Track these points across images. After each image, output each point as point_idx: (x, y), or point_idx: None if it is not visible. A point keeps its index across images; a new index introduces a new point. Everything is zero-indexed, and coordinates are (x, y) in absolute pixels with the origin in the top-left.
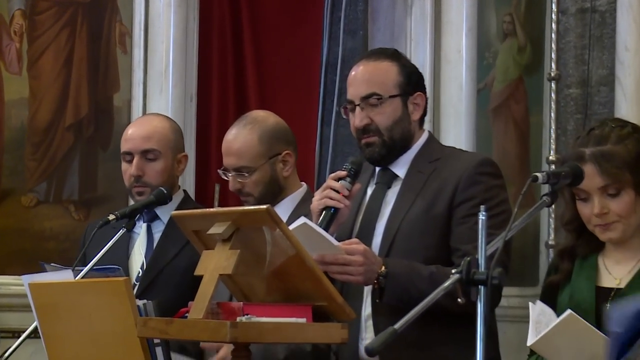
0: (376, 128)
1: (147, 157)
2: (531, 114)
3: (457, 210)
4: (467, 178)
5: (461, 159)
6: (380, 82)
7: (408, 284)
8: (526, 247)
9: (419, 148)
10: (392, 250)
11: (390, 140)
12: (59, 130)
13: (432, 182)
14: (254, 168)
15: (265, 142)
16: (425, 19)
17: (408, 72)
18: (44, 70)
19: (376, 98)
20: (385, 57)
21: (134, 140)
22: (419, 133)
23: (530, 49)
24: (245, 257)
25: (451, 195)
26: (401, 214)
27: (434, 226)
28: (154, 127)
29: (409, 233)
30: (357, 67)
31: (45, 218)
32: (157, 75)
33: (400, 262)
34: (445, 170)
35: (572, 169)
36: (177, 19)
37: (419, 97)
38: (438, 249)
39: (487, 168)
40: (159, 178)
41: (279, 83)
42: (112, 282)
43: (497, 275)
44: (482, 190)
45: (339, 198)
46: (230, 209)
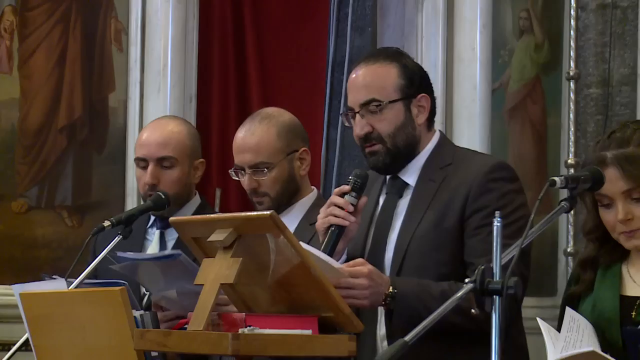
0: (378, 136)
1: (163, 164)
2: (549, 116)
3: (469, 221)
4: (478, 186)
5: (472, 165)
6: (379, 86)
7: (418, 304)
8: (544, 255)
9: (429, 153)
10: (403, 268)
11: (394, 148)
12: (51, 132)
13: (443, 191)
14: (272, 164)
15: (284, 137)
16: (438, 15)
17: (410, 73)
18: (35, 69)
19: (375, 104)
20: (385, 58)
21: (149, 146)
22: (428, 136)
23: (548, 46)
24: (248, 265)
25: (462, 206)
26: (411, 228)
27: (446, 241)
28: (170, 132)
29: (419, 249)
30: (357, 71)
31: (37, 225)
32: (154, 75)
33: (410, 282)
34: (456, 177)
35: (591, 172)
36: (175, 16)
37: (424, 98)
38: (451, 264)
39: (499, 173)
40: (175, 187)
41: (283, 83)
42: (107, 292)
43: (513, 284)
44: (495, 198)
45: (343, 215)
46: (232, 215)
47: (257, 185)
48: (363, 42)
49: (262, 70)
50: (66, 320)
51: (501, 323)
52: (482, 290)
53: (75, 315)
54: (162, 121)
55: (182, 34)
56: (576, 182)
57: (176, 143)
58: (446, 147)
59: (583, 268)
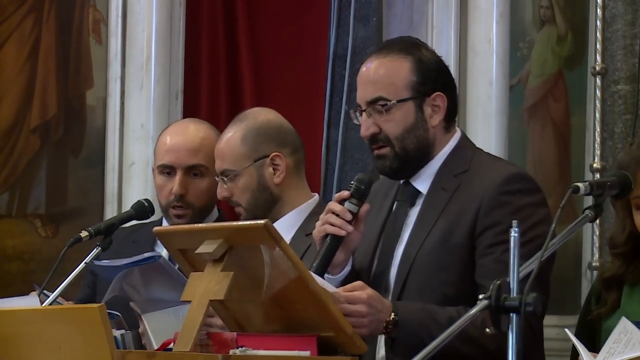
0: (386, 137)
1: (193, 173)
2: (572, 115)
3: (479, 239)
4: (490, 200)
5: (487, 175)
6: (388, 83)
7: (421, 331)
8: (566, 269)
9: (446, 157)
10: (405, 288)
11: (402, 152)
12: (22, 132)
13: (454, 202)
14: (236, 172)
15: (249, 142)
16: (450, 3)
17: (424, 68)
18: (5, 63)
19: (382, 104)
20: (398, 51)
21: (179, 152)
22: (445, 138)
23: (571, 38)
24: (240, 280)
25: (472, 222)
26: (417, 243)
27: (453, 259)
28: (201, 138)
29: (424, 268)
30: (367, 64)
31: (7, 235)
32: (136, 69)
33: (413, 307)
34: (470, 187)
35: (619, 177)
36: (160, 4)
37: (439, 97)
38: (458, 285)
39: (514, 185)
40: (203, 198)
41: (279, 78)
42: (84, 309)
43: (532, 301)
44: (509, 213)
45: (340, 224)
46: (222, 224)
47: (228, 194)
48: (367, 33)
49: (255, 64)
50: (40, 340)
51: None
52: (497, 308)
53: (49, 335)
54: (189, 124)
55: (167, 23)
56: (602, 189)
57: (207, 150)
58: (464, 151)
59: (607, 287)
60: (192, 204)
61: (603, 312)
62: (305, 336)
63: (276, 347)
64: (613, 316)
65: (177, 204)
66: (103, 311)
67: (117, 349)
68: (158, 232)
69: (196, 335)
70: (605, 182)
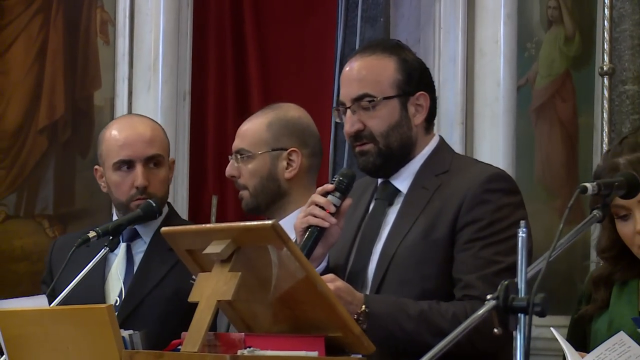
0: (370, 134)
1: (153, 163)
2: (580, 115)
3: (460, 234)
4: (473, 197)
5: (469, 174)
6: (374, 80)
7: (392, 325)
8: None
9: (426, 157)
10: (385, 282)
11: (386, 149)
12: (30, 133)
13: (435, 200)
14: (252, 154)
15: (274, 131)
16: (457, 3)
17: (409, 68)
18: (13, 64)
19: (368, 100)
20: (382, 50)
21: (135, 145)
22: (426, 139)
23: (579, 38)
24: (248, 280)
25: (453, 217)
26: (398, 238)
27: (433, 253)
28: (152, 129)
29: (404, 261)
30: (351, 63)
31: (15, 235)
32: (144, 70)
33: (385, 300)
34: (450, 186)
35: (627, 178)
36: (167, 5)
37: (422, 97)
38: (437, 280)
39: (497, 184)
40: (163, 188)
41: (286, 79)
42: (93, 309)
43: (540, 301)
44: (491, 210)
45: (323, 215)
46: (230, 224)
47: (236, 174)
48: (374, 34)
49: (263, 64)
50: (47, 340)
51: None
52: (505, 308)
53: (57, 335)
54: (133, 119)
55: (175, 24)
56: (610, 189)
57: (161, 139)
58: (444, 153)
59: (596, 286)
60: (153, 194)
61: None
62: (313, 337)
63: (284, 347)
64: (602, 316)
65: (140, 197)
66: (111, 311)
67: (125, 349)
68: (166, 233)
69: (204, 336)
70: (613, 183)
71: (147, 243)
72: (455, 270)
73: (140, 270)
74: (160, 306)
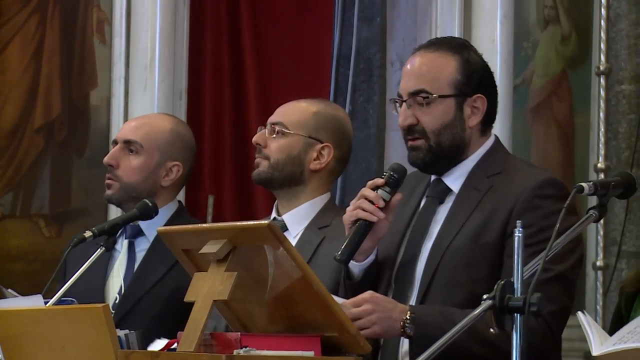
0: (422, 130)
1: (129, 148)
2: (576, 115)
3: (510, 240)
4: (524, 202)
5: (521, 177)
6: (432, 77)
7: (438, 333)
8: None
9: (479, 158)
10: (433, 282)
11: (437, 146)
12: (26, 133)
13: (487, 202)
14: (288, 132)
15: (318, 120)
16: (454, 3)
17: (470, 69)
18: (9, 63)
19: (424, 96)
20: (447, 48)
21: (124, 128)
22: (480, 140)
23: (575, 38)
24: (244, 280)
25: (504, 222)
26: (447, 239)
27: (483, 257)
28: (152, 121)
29: (453, 263)
30: (414, 58)
31: (11, 235)
32: (140, 70)
33: (430, 309)
34: (502, 189)
35: (623, 177)
36: (164, 4)
37: (479, 99)
38: (486, 283)
39: (549, 190)
40: (133, 175)
41: (283, 78)
42: (89, 309)
43: (536, 301)
44: (541, 216)
45: (372, 210)
46: (226, 224)
47: (263, 144)
48: (371, 33)
49: (259, 64)
50: (43, 340)
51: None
52: (501, 308)
53: (53, 335)
54: (155, 114)
55: (172, 24)
56: (606, 189)
57: (150, 131)
58: (498, 154)
59: None
60: (119, 177)
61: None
62: (309, 336)
63: (280, 347)
64: None
65: (108, 175)
66: (107, 311)
67: (121, 348)
68: (162, 232)
69: (200, 335)
70: (610, 182)
71: (150, 241)
72: (505, 276)
73: (140, 268)
74: (158, 305)
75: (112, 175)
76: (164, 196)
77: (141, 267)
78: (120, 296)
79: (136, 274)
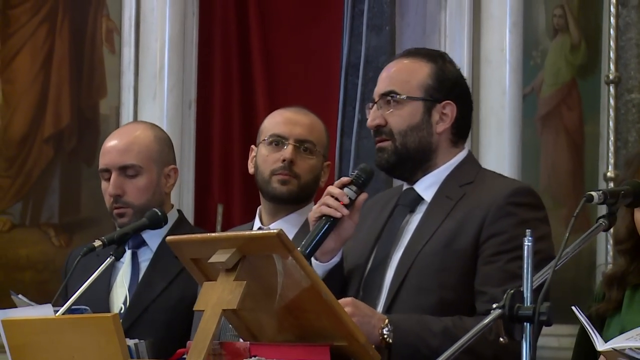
0: (389, 131)
1: (127, 173)
2: (586, 123)
3: (484, 246)
4: (497, 209)
5: (493, 186)
6: (403, 80)
7: (417, 341)
8: (580, 277)
9: (452, 169)
10: (402, 288)
11: (402, 148)
12: (36, 142)
13: (458, 210)
14: (318, 150)
15: (328, 139)
16: (463, 12)
17: (442, 77)
18: (19, 73)
19: (392, 96)
20: (423, 57)
21: (111, 154)
22: (453, 151)
23: (585, 47)
24: (253, 289)
25: (477, 229)
26: (418, 245)
27: (455, 263)
28: (134, 137)
29: (424, 269)
30: (390, 65)
31: (21, 244)
32: (149, 79)
33: (407, 316)
34: (474, 197)
35: (633, 186)
36: (173, 13)
37: (449, 106)
38: (457, 289)
39: (521, 198)
40: (142, 196)
41: (292, 87)
42: (98, 318)
43: (546, 310)
44: (514, 224)
45: (336, 206)
46: (235, 233)
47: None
48: (380, 42)
49: (268, 73)
50: (53, 349)
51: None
52: (511, 317)
53: (63, 344)
54: (127, 127)
55: (181, 33)
56: (616, 197)
57: (140, 148)
58: (470, 166)
59: (609, 285)
60: (130, 203)
61: (602, 309)
62: (318, 345)
63: (289, 356)
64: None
65: (117, 205)
66: (117, 320)
67: (131, 358)
68: (171, 242)
69: (209, 345)
70: (619, 191)
71: (153, 251)
72: (479, 283)
73: (146, 278)
74: (165, 314)
75: (121, 203)
76: (167, 202)
77: (146, 277)
78: (125, 306)
79: (141, 283)
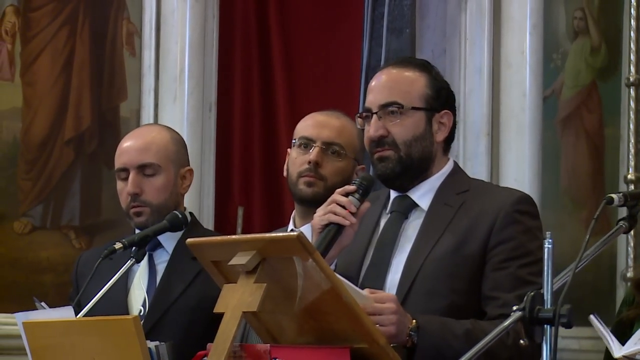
0: (393, 141)
1: (145, 172)
2: (606, 126)
3: (493, 252)
4: (505, 216)
5: (496, 194)
6: (404, 91)
7: (441, 342)
8: (600, 280)
9: (445, 177)
10: (412, 291)
11: (407, 157)
12: (57, 145)
13: (462, 217)
14: (346, 154)
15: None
16: (483, 14)
17: (438, 86)
18: (39, 75)
19: (397, 107)
20: (413, 66)
21: (129, 153)
22: (443, 160)
23: (605, 49)
24: (273, 291)
25: (486, 235)
26: (425, 251)
27: (464, 268)
28: (152, 137)
29: (433, 273)
30: (380, 74)
31: (41, 247)
32: (170, 81)
33: (431, 318)
34: (477, 205)
35: None
36: (193, 16)
37: (446, 115)
38: (466, 294)
39: (526, 207)
40: (160, 196)
41: (312, 90)
42: (119, 320)
43: (566, 312)
44: (521, 231)
45: (344, 214)
46: (255, 236)
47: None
48: (400, 45)
49: (289, 75)
50: (74, 351)
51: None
52: (531, 319)
53: (83, 346)
54: (142, 128)
55: (201, 36)
56: (636, 200)
57: (158, 148)
58: (461, 175)
59: (638, 289)
60: (148, 202)
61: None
62: (338, 348)
63: (309, 358)
64: None
65: (134, 204)
66: (137, 323)
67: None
68: (191, 244)
69: (229, 347)
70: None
71: (169, 253)
72: (490, 288)
73: (164, 279)
74: (185, 316)
75: (139, 202)
76: (182, 204)
77: (164, 279)
78: (145, 309)
79: (160, 285)
